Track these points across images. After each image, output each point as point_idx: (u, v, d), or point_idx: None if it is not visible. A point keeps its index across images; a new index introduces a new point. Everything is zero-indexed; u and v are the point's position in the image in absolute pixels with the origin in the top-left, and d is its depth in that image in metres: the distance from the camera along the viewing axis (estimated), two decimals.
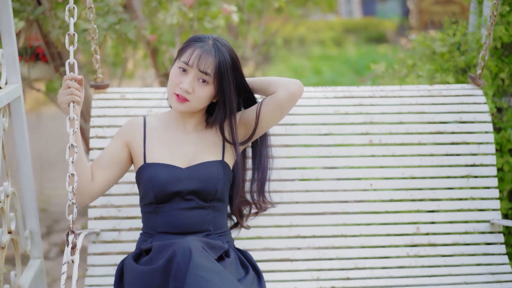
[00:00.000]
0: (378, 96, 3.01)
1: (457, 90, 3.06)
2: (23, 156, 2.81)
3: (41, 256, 2.94)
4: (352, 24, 16.27)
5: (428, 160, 2.92)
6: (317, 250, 2.81)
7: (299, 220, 2.84)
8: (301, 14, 7.64)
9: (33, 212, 2.88)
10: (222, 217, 2.40)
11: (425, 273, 2.79)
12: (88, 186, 2.31)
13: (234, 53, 2.39)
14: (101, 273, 2.72)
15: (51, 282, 4.06)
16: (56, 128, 8.17)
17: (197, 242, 2.08)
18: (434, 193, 2.89)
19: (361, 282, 2.75)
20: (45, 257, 4.46)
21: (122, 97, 2.95)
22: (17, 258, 2.68)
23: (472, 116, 2.98)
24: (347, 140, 2.92)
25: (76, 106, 2.19)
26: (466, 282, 2.75)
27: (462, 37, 3.53)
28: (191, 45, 2.35)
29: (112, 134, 2.85)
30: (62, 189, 6.01)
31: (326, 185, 2.88)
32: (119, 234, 2.77)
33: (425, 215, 2.88)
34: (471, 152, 2.94)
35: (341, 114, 2.95)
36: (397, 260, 2.82)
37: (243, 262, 2.33)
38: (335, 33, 14.78)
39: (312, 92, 3.03)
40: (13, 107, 2.75)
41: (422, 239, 2.85)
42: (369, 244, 2.83)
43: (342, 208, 2.86)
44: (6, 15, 2.64)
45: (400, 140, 2.94)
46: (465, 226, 2.87)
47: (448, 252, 2.84)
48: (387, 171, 2.91)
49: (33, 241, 2.92)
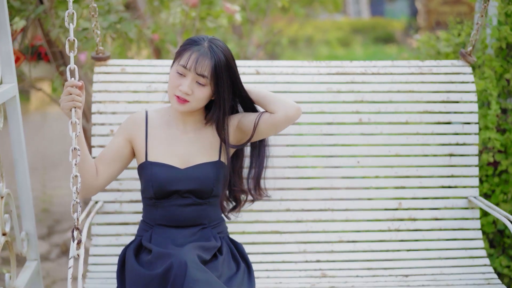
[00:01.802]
0: (370, 73, 3.11)
1: (447, 67, 3.15)
2: (19, 156, 2.82)
3: (38, 258, 2.96)
4: (360, 24, 16.02)
5: (414, 138, 3.06)
6: (305, 223, 3.01)
7: (289, 194, 3.01)
8: (306, 14, 7.49)
9: (30, 213, 2.90)
10: (217, 210, 2.57)
11: (404, 247, 3.00)
12: (93, 181, 2.47)
13: (229, 53, 2.48)
14: (105, 242, 2.93)
15: (51, 283, 4.10)
16: (60, 128, 8.10)
17: (192, 253, 2.27)
18: (417, 170, 3.06)
19: (344, 255, 2.97)
20: (45, 258, 4.50)
21: (122, 71, 3.04)
22: (12, 260, 2.68)
23: (459, 96, 3.10)
24: (337, 119, 3.05)
25: (78, 110, 2.31)
26: (441, 257, 2.98)
27: (467, 37, 3.54)
28: (188, 48, 2.44)
29: (113, 110, 2.97)
30: (64, 189, 5.97)
31: (316, 161, 3.04)
32: (120, 206, 2.96)
33: (407, 191, 3.06)
34: (455, 131, 3.08)
35: (333, 92, 3.06)
36: (378, 233, 3.03)
37: (235, 256, 2.53)
38: (343, 33, 14.49)
39: (306, 68, 3.12)
40: (8, 106, 2.75)
41: (403, 214, 3.05)
42: (354, 218, 3.03)
43: (330, 183, 3.04)
44: (2, 14, 2.63)
45: (388, 119, 3.07)
46: (444, 202, 3.06)
47: (426, 227, 3.04)
48: (374, 149, 3.06)
49: (29, 242, 2.91)
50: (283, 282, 2.82)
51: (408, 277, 2.88)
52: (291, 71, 3.10)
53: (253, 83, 3.04)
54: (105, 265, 2.87)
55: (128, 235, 2.93)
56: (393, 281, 2.84)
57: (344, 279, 2.85)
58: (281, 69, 3.10)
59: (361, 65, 3.15)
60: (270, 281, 2.83)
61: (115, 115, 2.97)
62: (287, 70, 3.10)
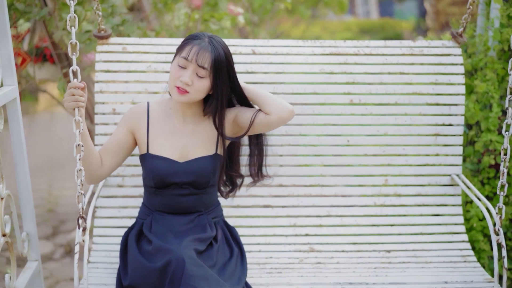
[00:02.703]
0: (362, 53, 3.22)
1: (438, 48, 3.26)
2: (19, 158, 2.87)
3: (39, 258, 3.03)
4: (368, 25, 15.65)
5: (402, 119, 3.21)
6: (296, 198, 3.20)
7: (281, 171, 3.19)
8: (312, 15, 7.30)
9: (30, 214, 2.96)
10: (213, 196, 2.76)
11: (388, 222, 3.20)
12: (98, 171, 2.64)
13: (228, 50, 2.62)
14: (107, 214, 3.12)
15: (54, 283, 4.14)
16: (68, 128, 7.84)
17: (189, 249, 2.46)
18: (404, 149, 3.22)
19: (332, 229, 3.17)
20: (49, 258, 4.54)
21: (124, 50, 3.16)
22: (12, 260, 2.71)
23: (447, 78, 3.22)
24: (330, 100, 3.19)
25: (81, 109, 2.46)
26: (422, 232, 3.18)
27: (469, 39, 3.57)
28: (189, 42, 2.57)
29: (115, 89, 3.11)
30: (70, 190, 5.98)
31: (308, 140, 3.20)
32: (122, 180, 3.14)
33: (394, 168, 3.23)
34: (442, 112, 3.22)
35: (326, 73, 3.19)
36: (365, 208, 3.22)
37: (228, 241, 2.75)
38: (351, 34, 14.05)
39: (301, 48, 3.23)
40: (9, 108, 2.81)
41: (389, 190, 3.23)
42: (342, 194, 3.22)
43: (321, 161, 3.21)
44: (1, 15, 2.68)
45: (378, 100, 3.21)
46: (428, 179, 3.24)
47: (410, 203, 3.23)
48: (364, 129, 3.21)
49: (30, 243, 2.97)
50: (274, 256, 3.04)
51: (390, 252, 3.09)
52: (286, 51, 3.21)
53: (249, 64, 3.16)
54: (108, 237, 3.07)
55: (129, 208, 3.12)
56: (376, 257, 3.06)
57: (330, 254, 3.07)
58: (276, 48, 3.22)
59: (354, 45, 3.26)
60: (261, 255, 3.05)
61: (116, 95, 3.11)
62: (282, 50, 3.21)
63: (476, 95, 3.42)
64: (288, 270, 2.92)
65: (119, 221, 3.11)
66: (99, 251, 3.01)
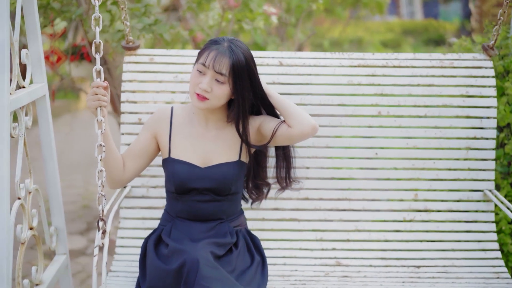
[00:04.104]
0: (391, 65, 3.17)
1: (468, 61, 3.19)
2: (48, 154, 2.91)
3: (67, 252, 3.06)
4: (411, 26, 15.67)
5: (432, 132, 3.13)
6: (323, 212, 3.13)
7: (308, 184, 3.12)
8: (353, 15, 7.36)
9: (59, 209, 2.99)
10: (235, 204, 2.70)
11: (418, 237, 3.10)
12: (121, 175, 2.62)
13: (249, 54, 2.56)
14: (132, 225, 3.08)
15: (86, 277, 4.24)
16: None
17: (205, 250, 2.41)
18: (434, 163, 3.14)
19: (360, 244, 3.09)
20: (82, 253, 4.65)
21: (151, 60, 3.16)
22: (40, 253, 2.77)
23: (478, 91, 3.14)
24: (357, 111, 3.14)
25: (103, 109, 2.45)
26: (454, 248, 3.07)
27: (502, 41, 3.51)
28: (208, 47, 2.54)
29: (141, 99, 3.10)
30: (105, 187, 6.17)
31: (335, 152, 3.14)
32: (147, 191, 3.11)
33: (424, 183, 3.14)
34: (473, 125, 3.14)
35: (354, 85, 3.14)
36: (394, 224, 3.13)
37: (250, 249, 2.67)
38: (394, 35, 14.15)
39: (329, 59, 3.20)
40: (38, 105, 2.85)
41: (419, 205, 3.14)
42: (370, 208, 3.14)
43: (348, 174, 3.14)
44: (31, 15, 2.71)
45: (407, 112, 3.14)
46: (459, 194, 3.14)
47: (441, 218, 3.13)
48: (392, 141, 3.14)
49: (58, 237, 3.01)
50: (299, 269, 2.96)
51: (419, 268, 2.98)
52: (314, 63, 3.18)
53: (276, 75, 3.13)
54: (131, 248, 3.03)
55: (153, 219, 3.08)
56: (405, 272, 2.96)
57: (358, 268, 2.98)
58: (304, 60, 3.18)
59: (383, 57, 3.21)
60: (286, 268, 2.97)
61: (143, 104, 3.10)
62: (309, 62, 3.18)
63: (507, 97, 3.33)
64: (313, 283, 2.83)
65: (143, 233, 3.06)
66: (120, 261, 2.97)
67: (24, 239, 2.58)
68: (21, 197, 2.54)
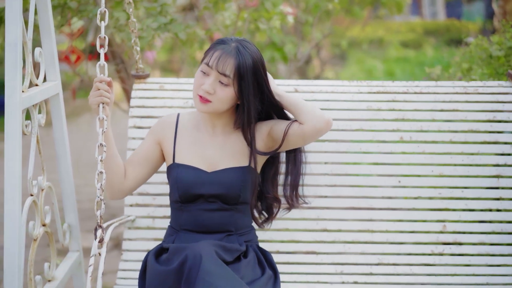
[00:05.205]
0: (412, 92, 3.02)
1: (493, 87, 3.03)
2: (61, 151, 2.87)
3: (80, 249, 3.00)
4: (433, 26, 15.81)
5: (459, 158, 2.93)
6: (343, 244, 2.88)
7: (326, 214, 2.90)
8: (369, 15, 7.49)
9: (72, 206, 2.94)
10: (244, 217, 2.49)
11: (449, 271, 2.83)
12: (121, 183, 2.43)
13: (258, 57, 2.41)
14: (135, 258, 2.86)
15: None
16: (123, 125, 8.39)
17: (209, 246, 2.19)
18: (462, 192, 2.91)
19: (384, 278, 2.82)
20: None
21: (161, 88, 3.05)
22: (52, 250, 2.74)
23: (506, 116, 2.96)
24: (377, 137, 2.96)
25: (106, 106, 2.30)
26: (489, 283, 2.79)
27: None
28: (213, 47, 2.41)
29: (149, 124, 2.96)
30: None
31: (354, 180, 2.93)
32: (153, 221, 2.91)
33: (452, 213, 2.90)
34: (503, 151, 2.93)
35: (373, 110, 2.98)
36: (421, 257, 2.87)
37: (261, 262, 2.42)
38: (415, 35, 14.36)
39: (346, 87, 3.06)
40: (52, 103, 2.82)
41: (448, 237, 2.89)
42: (394, 241, 2.89)
43: (369, 203, 2.91)
44: (45, 14, 2.68)
45: (431, 138, 2.95)
46: (492, 226, 2.89)
47: (473, 252, 2.87)
48: (416, 169, 2.93)
49: (71, 234, 2.96)
50: None
51: None
52: (331, 90, 3.04)
53: None
54: (133, 279, 2.80)
55: None
56: None
57: None
58: (320, 87, 3.05)
59: (403, 84, 3.06)
60: None
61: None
62: (326, 89, 3.04)
63: None
64: None
65: None
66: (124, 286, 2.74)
67: (36, 236, 2.53)
68: (33, 194, 2.48)
